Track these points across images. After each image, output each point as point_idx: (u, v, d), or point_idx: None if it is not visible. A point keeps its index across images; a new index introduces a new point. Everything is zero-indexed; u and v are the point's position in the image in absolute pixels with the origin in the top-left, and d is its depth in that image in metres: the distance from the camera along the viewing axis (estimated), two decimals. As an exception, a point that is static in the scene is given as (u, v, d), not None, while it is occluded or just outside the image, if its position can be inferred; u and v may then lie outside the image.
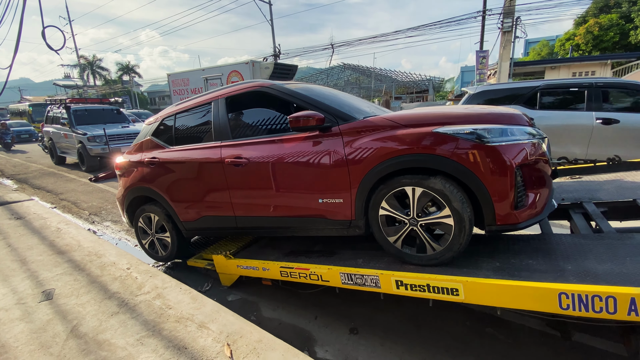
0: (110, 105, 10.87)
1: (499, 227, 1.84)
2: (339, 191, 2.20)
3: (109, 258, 3.32)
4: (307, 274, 2.38)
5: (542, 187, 1.95)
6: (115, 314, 2.39)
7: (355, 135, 2.14)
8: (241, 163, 2.55)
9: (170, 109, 3.24)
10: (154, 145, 3.23)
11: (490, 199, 1.79)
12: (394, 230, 2.08)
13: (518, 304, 1.65)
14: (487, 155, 1.78)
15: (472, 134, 1.81)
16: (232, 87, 2.80)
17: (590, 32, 27.72)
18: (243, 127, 2.87)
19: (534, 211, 1.87)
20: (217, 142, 2.75)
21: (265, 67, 11.79)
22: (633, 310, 1.41)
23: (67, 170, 9.57)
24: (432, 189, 1.86)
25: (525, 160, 1.85)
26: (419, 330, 2.33)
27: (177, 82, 14.54)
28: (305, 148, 2.29)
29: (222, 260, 2.89)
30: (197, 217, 2.97)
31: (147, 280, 2.85)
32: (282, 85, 2.56)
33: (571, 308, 1.51)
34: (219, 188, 2.74)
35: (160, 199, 3.16)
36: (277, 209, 2.52)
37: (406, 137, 1.94)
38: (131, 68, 45.15)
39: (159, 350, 2.01)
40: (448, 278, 1.82)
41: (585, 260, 1.77)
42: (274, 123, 2.85)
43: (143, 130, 3.46)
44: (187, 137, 3.06)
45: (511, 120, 1.98)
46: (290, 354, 1.93)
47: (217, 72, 12.93)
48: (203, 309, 2.40)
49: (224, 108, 2.77)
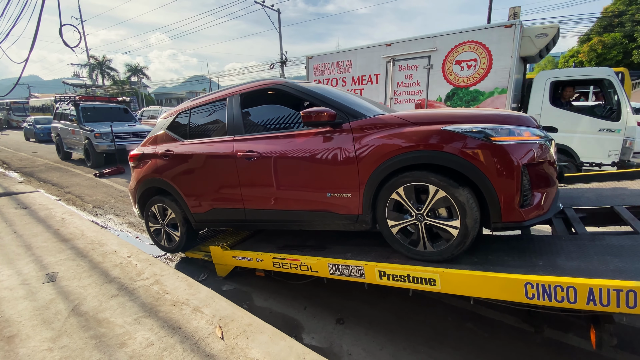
0: (117, 104, 11.13)
1: (504, 224, 1.87)
2: (347, 186, 2.25)
3: (110, 247, 3.47)
4: (298, 265, 2.50)
5: (548, 188, 1.98)
6: (115, 296, 2.52)
7: (366, 131, 2.19)
8: (253, 156, 2.62)
9: (186, 104, 3.38)
10: (169, 138, 3.35)
11: (497, 196, 1.83)
12: (396, 216, 2.12)
13: (489, 294, 1.78)
14: (494, 154, 1.83)
15: (480, 133, 1.86)
16: (246, 84, 2.93)
17: (594, 50, 28.01)
18: (256, 122, 2.96)
19: (540, 211, 1.91)
20: (231, 136, 2.84)
21: (540, 35, 5.57)
22: (591, 300, 1.53)
23: (72, 166, 9.78)
24: (455, 198, 1.88)
25: (532, 161, 1.88)
26: (402, 323, 2.44)
27: (326, 68, 8.00)
28: (316, 143, 2.35)
29: (218, 251, 3.03)
30: (207, 209, 3.05)
31: (147, 268, 2.98)
32: (296, 83, 2.68)
33: (536, 297, 1.63)
34: (230, 181, 2.82)
35: (172, 191, 3.24)
36: (286, 202, 2.58)
37: (415, 135, 1.99)
38: (140, 69, 45.86)
39: (155, 329, 2.14)
40: (426, 269, 1.94)
41: (557, 258, 1.90)
42: (286, 119, 2.94)
43: (158, 124, 3.60)
44: (201, 132, 3.17)
45: (518, 122, 2.04)
46: (278, 337, 2.05)
47: (421, 47, 6.39)
48: (198, 295, 2.53)
49: (238, 104, 2.86)
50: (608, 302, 1.51)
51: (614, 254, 1.84)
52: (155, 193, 3.51)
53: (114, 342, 2.01)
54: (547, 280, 1.60)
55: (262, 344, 1.98)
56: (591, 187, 3.12)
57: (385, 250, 2.40)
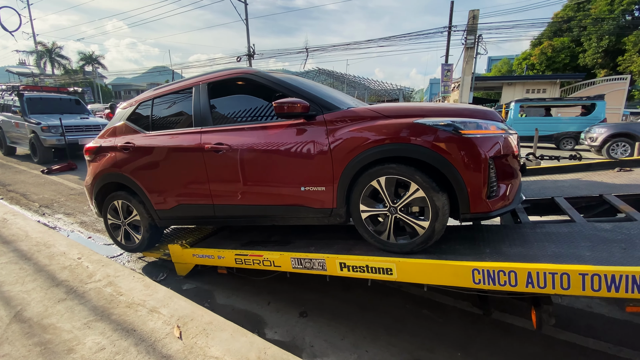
0: (68, 95, 10.32)
1: (472, 215, 1.94)
2: (321, 179, 2.22)
3: (58, 248, 3.23)
4: (261, 261, 2.49)
5: (513, 179, 2.08)
6: (63, 300, 2.36)
7: (339, 124, 2.18)
8: (222, 149, 2.52)
9: (148, 93, 3.18)
10: (129, 130, 3.14)
11: (466, 187, 1.88)
12: (370, 203, 2.13)
13: (440, 280, 1.88)
14: (463, 146, 1.88)
15: (449, 126, 1.91)
16: (215, 72, 2.80)
17: (544, 53, 30.21)
18: (225, 113, 2.79)
19: (506, 202, 2.00)
20: (197, 128, 2.71)
21: None
22: (530, 282, 1.66)
23: (16, 162, 8.96)
24: (432, 201, 1.91)
25: (498, 153, 1.96)
26: (363, 313, 2.51)
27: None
28: (289, 135, 2.30)
29: (177, 249, 2.92)
30: (173, 205, 2.90)
31: (99, 269, 2.81)
32: (267, 73, 2.59)
33: (482, 282, 1.75)
34: (198, 175, 2.69)
35: (133, 186, 3.05)
36: (258, 197, 2.51)
37: (388, 127, 2.02)
38: (95, 58, 42.86)
39: (107, 332, 2.03)
40: (384, 259, 2.01)
41: (502, 245, 2.04)
42: (257, 111, 2.81)
43: (117, 114, 3.35)
44: (164, 123, 3.00)
45: (485, 116, 2.13)
46: (239, 334, 2.02)
47: None
48: (155, 295, 2.43)
49: (205, 94, 2.73)
50: (545, 285, 1.65)
51: (552, 240, 2.01)
52: (115, 189, 3.28)
53: (60, 349, 1.88)
54: (491, 266, 1.72)
55: (223, 341, 1.95)
56: (536, 179, 3.37)
57: (347, 242, 2.46)
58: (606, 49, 26.18)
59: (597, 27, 25.98)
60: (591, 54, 27.33)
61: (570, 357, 2.03)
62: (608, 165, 3.51)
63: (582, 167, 3.62)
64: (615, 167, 3.43)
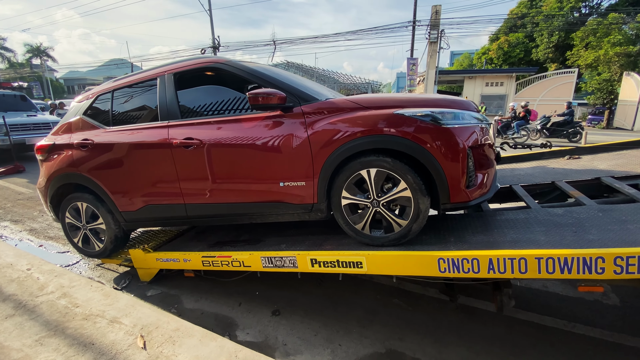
0: (12, 91, 9.42)
1: (452, 205, 1.96)
2: (301, 174, 2.15)
3: (4, 259, 2.95)
4: (230, 261, 2.41)
5: (489, 168, 2.11)
6: (11, 317, 2.16)
7: (318, 116, 2.11)
8: (192, 145, 2.37)
9: (107, 85, 2.93)
10: (87, 125, 2.88)
11: (445, 177, 1.89)
12: (354, 191, 2.10)
13: (408, 271, 1.92)
14: (441, 136, 1.89)
15: (428, 116, 1.91)
16: (181, 62, 2.61)
17: (501, 48, 31.77)
18: (194, 106, 2.60)
19: (483, 190, 2.03)
20: (164, 122, 2.53)
21: None
22: (491, 269, 1.74)
23: (-48, 166, 8.06)
24: (417, 203, 1.93)
25: (475, 143, 1.99)
26: (335, 307, 2.52)
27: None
28: (265, 128, 2.21)
29: (139, 254, 2.77)
30: (140, 206, 2.71)
31: (51, 280, 2.60)
32: (240, 62, 2.45)
33: (448, 271, 1.81)
34: (166, 172, 2.52)
35: (93, 187, 2.82)
36: (233, 194, 2.40)
37: (368, 119, 1.99)
38: (43, 50, 39.44)
39: (61, 348, 1.88)
40: (354, 253, 2.02)
41: (465, 233, 2.11)
42: (230, 103, 2.63)
43: (72, 108, 3.06)
44: (127, 117, 2.78)
45: (462, 106, 2.14)
46: (208, 339, 1.95)
47: None
48: (116, 305, 2.29)
49: (172, 85, 2.55)
50: (505, 270, 1.72)
51: (510, 226, 2.11)
52: (73, 190, 3.01)
53: (7, 371, 1.72)
54: (456, 254, 1.78)
55: (191, 347, 1.87)
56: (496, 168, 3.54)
57: (319, 238, 2.44)
58: (556, 44, 27.99)
59: (548, 24, 27.69)
60: (543, 49, 29.12)
61: (529, 335, 2.17)
62: (559, 154, 3.77)
63: (536, 155, 3.85)
64: (565, 155, 3.68)
